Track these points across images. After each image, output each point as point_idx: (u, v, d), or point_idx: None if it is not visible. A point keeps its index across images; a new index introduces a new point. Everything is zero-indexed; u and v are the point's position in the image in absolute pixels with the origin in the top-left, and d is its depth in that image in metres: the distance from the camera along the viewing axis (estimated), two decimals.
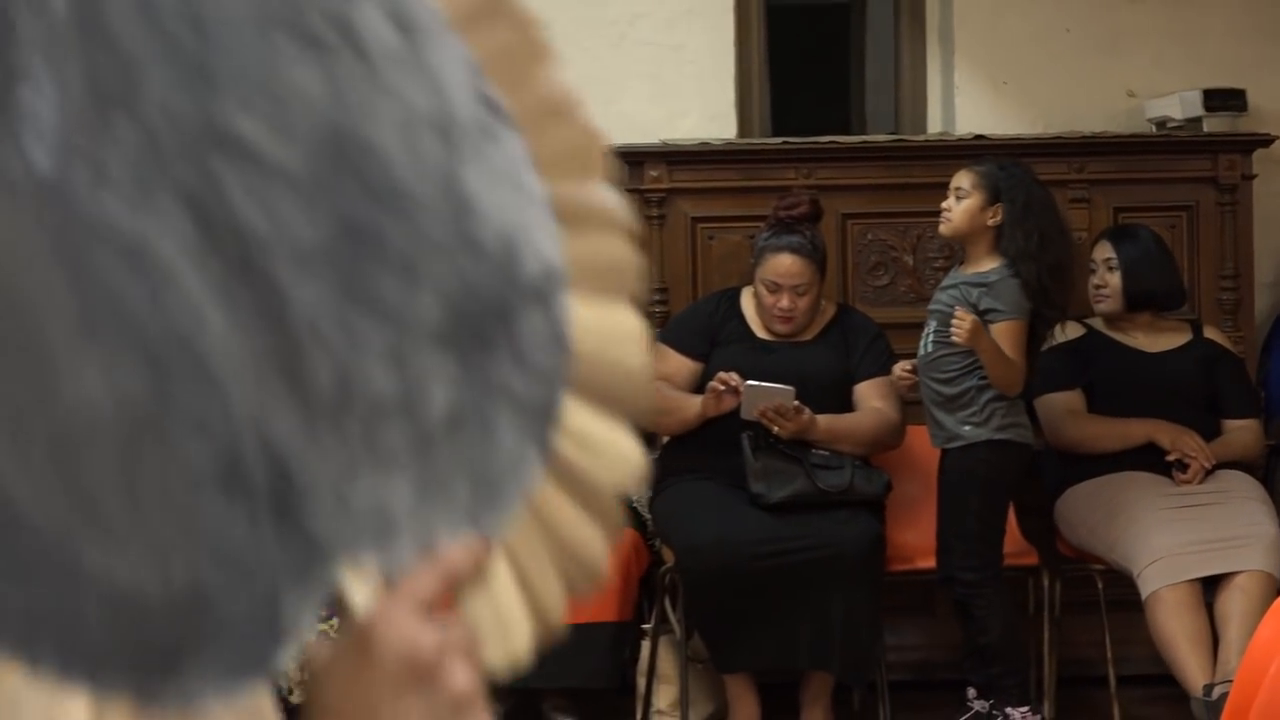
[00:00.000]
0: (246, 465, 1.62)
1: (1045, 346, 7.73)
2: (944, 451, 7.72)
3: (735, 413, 7.65)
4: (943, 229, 7.70)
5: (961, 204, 7.55)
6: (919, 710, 7.93)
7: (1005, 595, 7.74)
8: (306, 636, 1.62)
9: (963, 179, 7.58)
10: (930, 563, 7.91)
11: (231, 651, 1.54)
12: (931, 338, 7.63)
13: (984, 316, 7.42)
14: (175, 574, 1.52)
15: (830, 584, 7.56)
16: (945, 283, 7.81)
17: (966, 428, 7.55)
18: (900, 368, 7.79)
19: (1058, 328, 7.82)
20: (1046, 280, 7.58)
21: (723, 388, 7.68)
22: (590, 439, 1.83)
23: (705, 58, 9.09)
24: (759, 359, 7.86)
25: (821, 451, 7.72)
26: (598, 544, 1.79)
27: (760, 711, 7.69)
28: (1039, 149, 8.49)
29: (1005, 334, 7.41)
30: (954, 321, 7.38)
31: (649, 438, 8.01)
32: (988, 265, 7.54)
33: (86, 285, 1.51)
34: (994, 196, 7.54)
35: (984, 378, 7.52)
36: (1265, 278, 9.01)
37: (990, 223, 7.52)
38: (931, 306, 7.78)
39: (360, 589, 1.65)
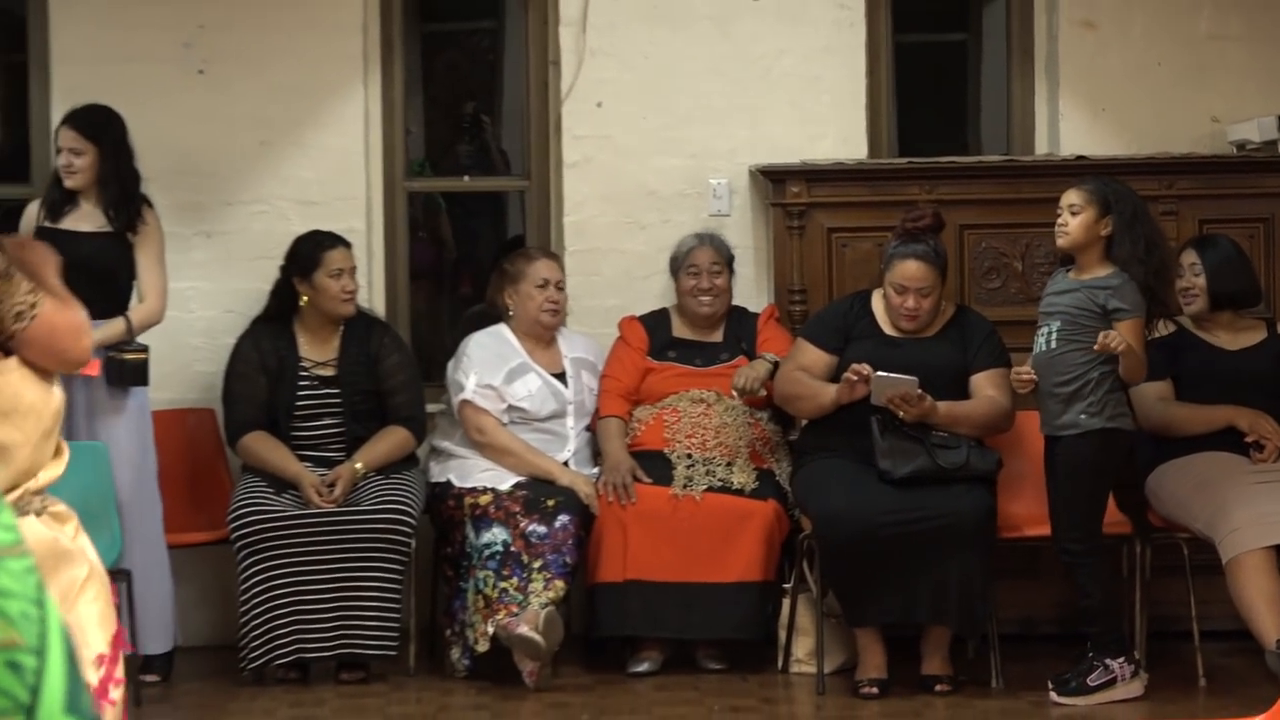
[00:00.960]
0: None
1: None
2: (1054, 438, 7.81)
3: (866, 399, 7.82)
4: (1061, 242, 7.75)
5: (1076, 218, 7.61)
6: (1025, 660, 8.03)
7: (1106, 564, 7.83)
8: None
9: (1074, 196, 7.66)
10: (1035, 530, 8.08)
11: None
12: (1055, 336, 7.73)
13: (1111, 316, 7.53)
14: None
15: (948, 549, 7.75)
16: (1059, 287, 7.85)
17: (1083, 417, 7.61)
18: (1020, 373, 7.89)
19: (1159, 324, 7.96)
20: (1153, 281, 7.66)
21: (855, 378, 7.82)
22: None
23: (840, 88, 9.16)
24: (887, 352, 7.99)
25: (941, 433, 7.91)
26: None
27: (886, 660, 7.87)
28: (1133, 168, 8.54)
29: (1132, 330, 7.50)
30: (1108, 335, 7.47)
31: (789, 420, 8.42)
32: (1102, 271, 7.60)
33: None
34: (1104, 210, 7.61)
35: (1101, 373, 7.61)
36: None
37: (1103, 233, 7.59)
38: (1046, 309, 7.85)
39: None
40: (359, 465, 8.54)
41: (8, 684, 1.85)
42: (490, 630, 8.27)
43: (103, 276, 8.01)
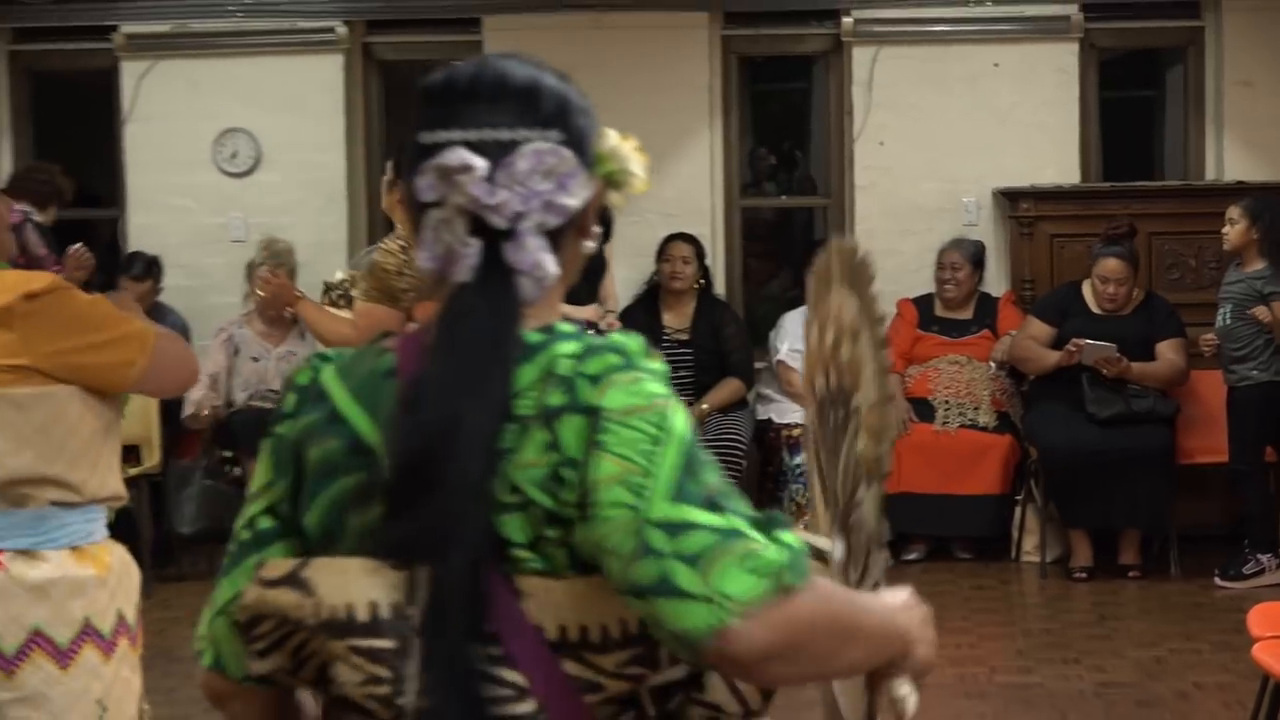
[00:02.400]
0: None
1: None
2: (1233, 388, 8.14)
3: (1079, 361, 8.33)
4: (1225, 246, 8.13)
5: (1235, 227, 7.99)
6: (1195, 555, 8.33)
7: (1265, 482, 8.19)
8: None
9: (1234, 211, 8.04)
10: (1205, 459, 8.45)
11: None
12: (1229, 315, 8.06)
13: (1267, 298, 7.89)
14: None
15: (1138, 471, 8.21)
16: (1230, 279, 8.16)
17: (1255, 372, 7.99)
18: (1206, 341, 8.16)
19: None
20: None
21: (1074, 349, 8.25)
22: None
23: (1059, 130, 9.52)
24: (1094, 326, 8.40)
25: (1133, 386, 8.34)
26: None
27: (1092, 553, 8.37)
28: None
29: None
30: (1259, 313, 7.87)
31: (1021, 376, 8.84)
32: (1259, 265, 7.96)
33: None
34: (1254, 219, 7.96)
35: (1265, 339, 7.95)
36: None
37: (1254, 237, 7.93)
38: (1223, 295, 8.18)
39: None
40: (705, 406, 8.80)
41: (624, 499, 1.76)
42: (803, 527, 8.85)
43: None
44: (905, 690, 1.96)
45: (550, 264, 1.84)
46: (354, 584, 1.80)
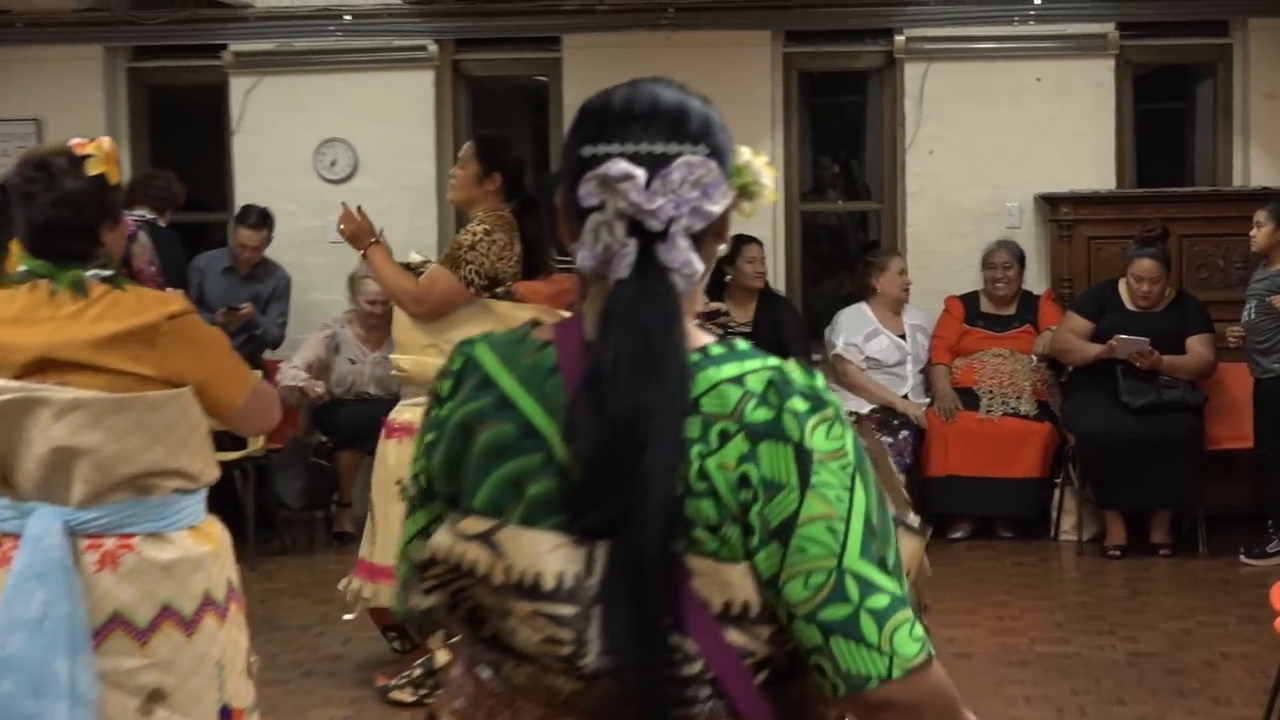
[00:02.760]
0: None
1: None
2: (1259, 379, 8.13)
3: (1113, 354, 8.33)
4: (1253, 247, 8.12)
5: (1261, 230, 7.98)
6: (1222, 534, 8.35)
7: None
8: None
9: (1260, 215, 8.01)
10: (1231, 445, 8.52)
11: None
12: (1254, 311, 8.05)
13: None
14: None
15: (1169, 456, 8.19)
16: (1257, 277, 8.15)
17: (1277, 365, 8.00)
18: (1233, 333, 8.16)
19: None
20: None
21: (1114, 344, 8.28)
22: None
23: (1096, 139, 9.53)
24: (1128, 322, 8.41)
25: (1165, 378, 8.34)
26: None
27: (1126, 532, 8.39)
28: None
29: None
30: (1278, 300, 7.82)
31: (1060, 367, 8.81)
32: None
33: None
34: (1278, 223, 7.96)
35: None
36: None
37: (1279, 238, 7.96)
38: (1250, 293, 8.16)
39: None
40: None
41: (825, 540, 1.89)
42: None
43: None
44: None
45: (697, 262, 1.93)
46: (542, 555, 1.89)
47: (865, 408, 8.90)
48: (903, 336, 9.18)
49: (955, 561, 8.32)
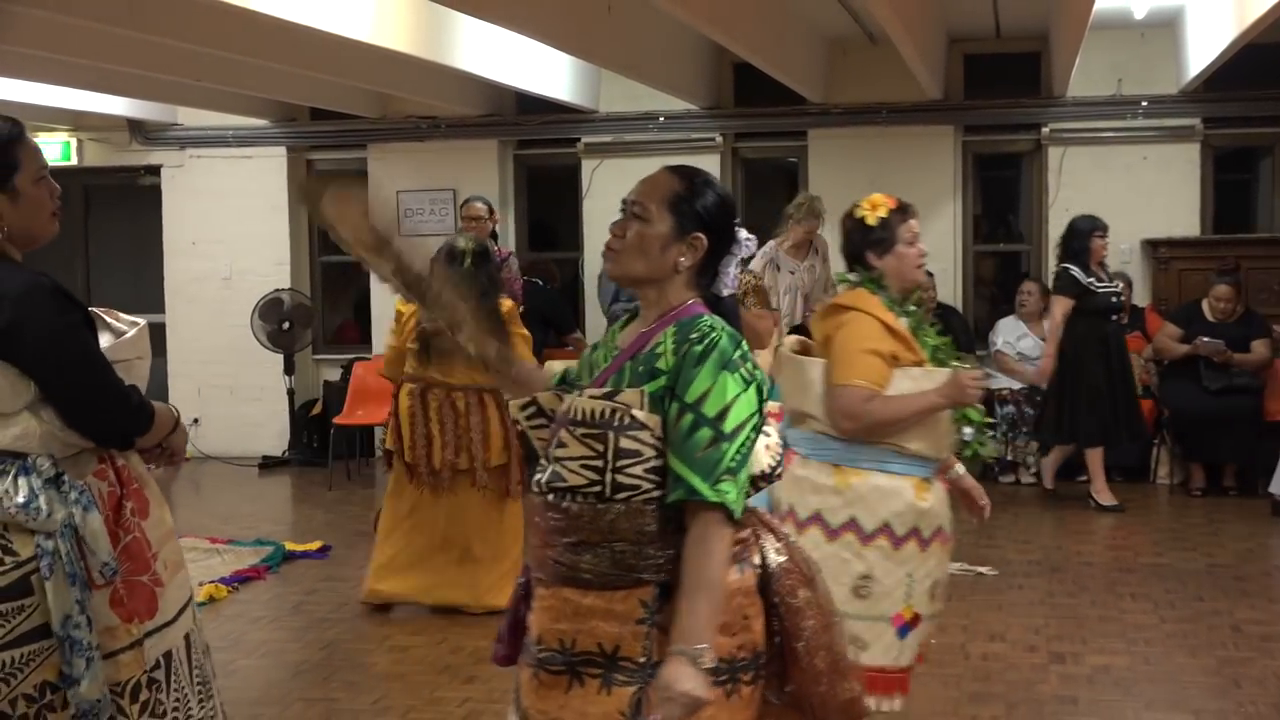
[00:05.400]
0: None
1: None
2: None
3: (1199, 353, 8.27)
4: None
5: None
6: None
7: None
8: None
9: None
10: None
11: None
12: None
13: None
14: None
15: (1237, 424, 8.23)
16: None
17: None
18: None
19: None
20: None
21: (1199, 344, 8.21)
22: None
23: (1187, 202, 9.42)
24: (1209, 330, 8.36)
25: (1235, 369, 8.31)
26: None
27: (1205, 477, 8.36)
28: None
29: None
30: None
31: (1160, 360, 8.49)
32: None
33: None
34: None
35: None
36: None
37: None
38: None
39: None
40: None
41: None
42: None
43: None
44: None
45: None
46: None
47: (1017, 385, 8.74)
48: (1043, 339, 8.79)
49: (1081, 498, 8.15)
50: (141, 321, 2.88)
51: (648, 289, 2.31)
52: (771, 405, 2.44)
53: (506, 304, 5.48)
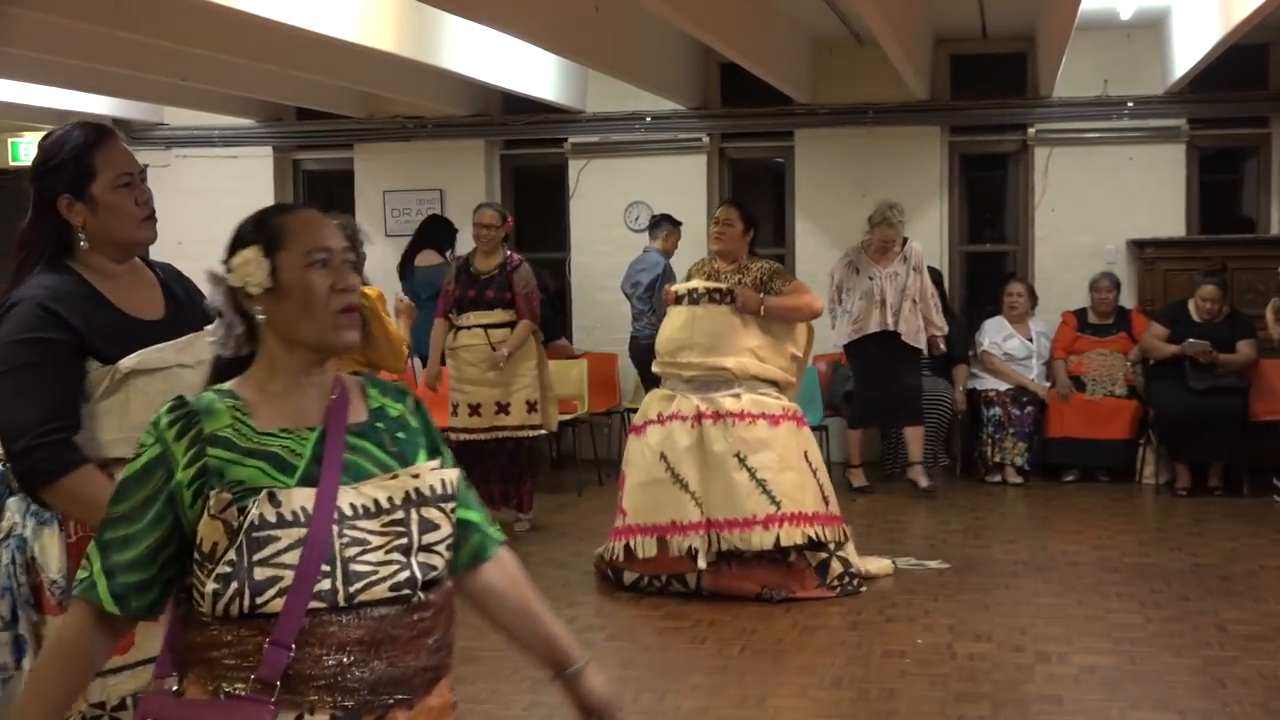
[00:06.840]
0: None
1: None
2: None
3: (1185, 353, 8.24)
4: None
5: None
6: (1261, 481, 8.17)
7: None
8: None
9: None
10: (1268, 417, 8.30)
11: None
12: None
13: None
14: None
15: (1222, 423, 8.19)
16: None
17: None
18: (1265, 334, 7.89)
19: None
20: None
21: (1185, 345, 8.21)
22: None
23: (1172, 202, 9.35)
24: (1195, 330, 8.36)
25: (1220, 370, 8.30)
26: None
27: (1190, 477, 8.29)
28: None
29: None
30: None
31: (1145, 361, 8.46)
32: None
33: None
34: None
35: None
36: None
37: None
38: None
39: None
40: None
41: None
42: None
43: None
44: None
45: None
46: None
47: (1003, 387, 8.80)
48: (1029, 339, 9.04)
49: (1066, 498, 8.22)
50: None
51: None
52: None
53: (374, 291, 5.13)
